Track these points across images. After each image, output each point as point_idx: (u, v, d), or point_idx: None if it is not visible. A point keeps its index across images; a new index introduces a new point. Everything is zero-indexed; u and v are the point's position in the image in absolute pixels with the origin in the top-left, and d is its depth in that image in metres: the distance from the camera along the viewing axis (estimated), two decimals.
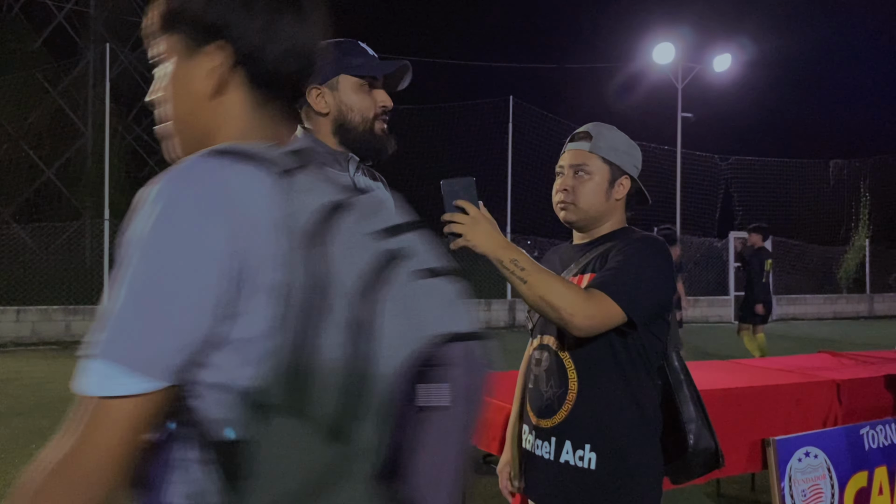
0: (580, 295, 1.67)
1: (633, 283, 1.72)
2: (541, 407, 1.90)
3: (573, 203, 1.91)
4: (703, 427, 1.88)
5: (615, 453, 1.79)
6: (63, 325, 12.92)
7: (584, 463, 1.80)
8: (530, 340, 2.04)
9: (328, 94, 1.78)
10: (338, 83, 1.78)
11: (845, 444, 3.73)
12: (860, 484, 3.77)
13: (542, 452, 1.89)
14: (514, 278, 1.66)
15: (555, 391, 1.86)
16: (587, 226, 1.96)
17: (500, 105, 17.76)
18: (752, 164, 23.05)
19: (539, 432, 1.91)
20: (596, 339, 1.76)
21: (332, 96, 1.78)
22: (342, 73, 1.77)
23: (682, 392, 1.88)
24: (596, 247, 1.91)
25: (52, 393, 7.82)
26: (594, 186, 1.90)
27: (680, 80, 21.72)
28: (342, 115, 1.78)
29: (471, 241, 1.65)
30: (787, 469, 3.52)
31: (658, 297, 1.79)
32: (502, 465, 2.15)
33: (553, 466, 1.85)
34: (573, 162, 1.92)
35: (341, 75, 1.77)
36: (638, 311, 1.71)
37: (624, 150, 1.94)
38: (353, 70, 1.77)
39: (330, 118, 1.79)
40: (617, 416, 1.80)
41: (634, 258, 1.77)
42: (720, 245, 21.48)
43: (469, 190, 1.69)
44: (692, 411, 1.88)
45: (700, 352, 12.18)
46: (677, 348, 1.93)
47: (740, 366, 4.57)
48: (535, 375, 1.94)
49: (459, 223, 1.66)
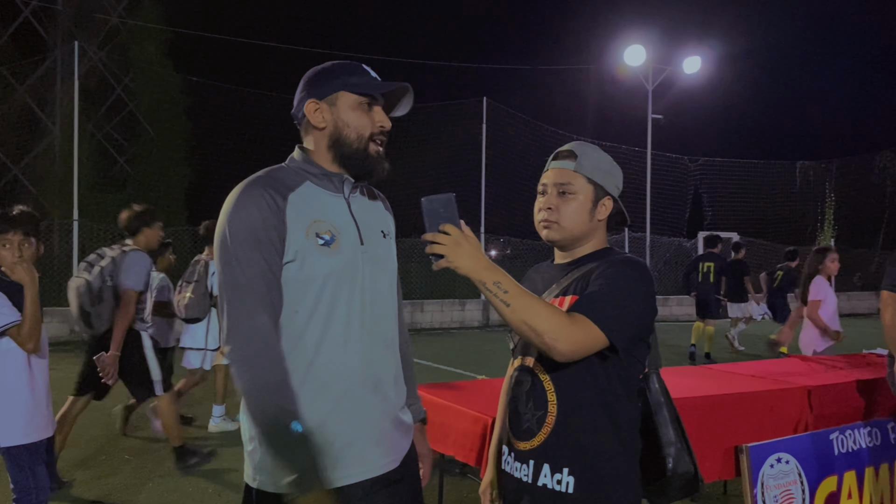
0: (563, 320, 1.66)
1: (615, 308, 1.71)
2: (520, 429, 1.89)
3: (557, 222, 1.90)
4: (682, 450, 1.89)
5: (593, 477, 1.78)
6: None
7: (562, 487, 1.79)
8: (511, 360, 2.03)
9: (326, 110, 1.78)
10: (336, 99, 1.78)
11: (816, 449, 3.80)
12: (830, 488, 3.84)
13: (520, 475, 1.88)
14: (496, 301, 1.65)
15: (534, 413, 1.86)
16: (569, 245, 1.95)
17: (474, 106, 17.82)
18: (721, 165, 23.35)
19: (518, 454, 1.90)
20: (576, 362, 1.74)
21: (329, 112, 1.78)
22: (342, 90, 1.77)
23: (662, 414, 1.89)
24: (577, 267, 1.90)
25: None
26: (578, 206, 1.90)
27: (650, 82, 21.88)
28: (338, 130, 1.78)
29: (453, 263, 1.64)
30: (760, 475, 3.57)
31: (639, 321, 1.78)
32: (484, 487, 2.15)
33: (531, 489, 1.85)
34: (557, 181, 1.91)
35: (341, 92, 1.77)
36: (620, 335, 1.70)
37: (607, 170, 1.95)
38: (353, 87, 1.77)
39: (326, 133, 1.78)
40: (595, 440, 1.79)
41: (616, 282, 1.76)
42: (689, 245, 21.71)
43: (449, 207, 1.66)
44: (671, 434, 1.88)
45: (673, 351, 12.32)
46: (657, 369, 1.95)
47: (713, 371, 4.62)
48: (515, 396, 1.93)
49: (441, 244, 1.63)
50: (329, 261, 1.69)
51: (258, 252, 1.63)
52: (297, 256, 1.67)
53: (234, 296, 1.63)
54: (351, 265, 1.74)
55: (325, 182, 1.78)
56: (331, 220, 1.73)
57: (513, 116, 18.73)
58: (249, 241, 1.63)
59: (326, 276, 1.69)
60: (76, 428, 5.38)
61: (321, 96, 1.78)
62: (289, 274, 1.67)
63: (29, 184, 19.40)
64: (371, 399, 1.75)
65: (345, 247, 1.73)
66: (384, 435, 1.77)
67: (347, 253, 1.73)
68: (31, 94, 19.67)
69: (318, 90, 1.78)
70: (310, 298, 1.68)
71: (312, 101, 1.78)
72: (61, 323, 12.96)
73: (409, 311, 15.77)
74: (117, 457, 5.67)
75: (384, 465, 1.76)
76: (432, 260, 1.65)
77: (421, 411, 2.08)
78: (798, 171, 25.10)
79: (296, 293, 1.68)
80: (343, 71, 1.79)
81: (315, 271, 1.68)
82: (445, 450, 3.37)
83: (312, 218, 1.70)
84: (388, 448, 1.78)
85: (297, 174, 1.77)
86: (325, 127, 1.78)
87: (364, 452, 1.72)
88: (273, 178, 1.73)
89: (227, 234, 1.65)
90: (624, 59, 21.73)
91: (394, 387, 1.85)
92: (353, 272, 1.74)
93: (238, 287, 1.63)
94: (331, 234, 1.71)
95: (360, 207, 1.84)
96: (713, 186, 23.21)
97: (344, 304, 1.71)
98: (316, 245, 1.69)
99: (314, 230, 1.69)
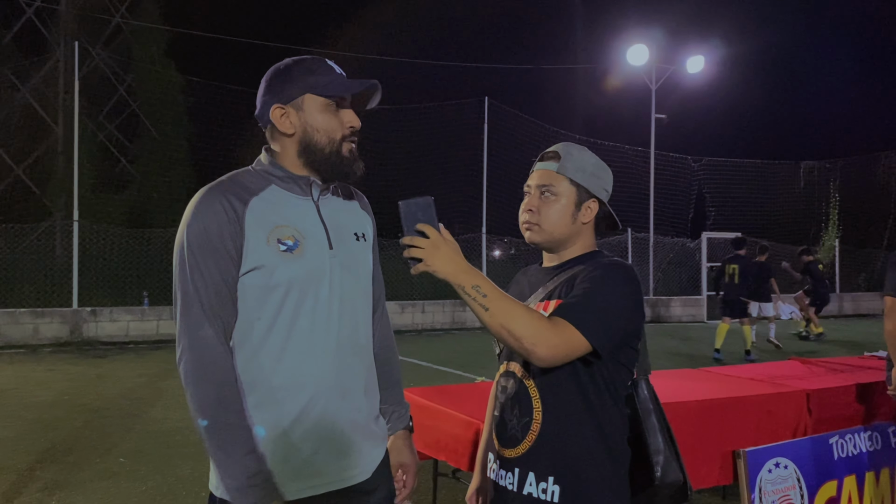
0: (543, 324, 1.62)
1: (598, 312, 1.67)
2: (505, 436, 1.86)
3: (538, 224, 1.87)
4: (671, 459, 1.84)
5: (579, 486, 1.74)
6: (31, 327, 12.69)
7: (548, 496, 1.75)
8: (499, 366, 1.99)
9: (293, 115, 1.70)
10: (303, 103, 1.70)
11: (815, 454, 3.77)
12: (829, 493, 3.80)
13: (505, 483, 1.84)
14: (475, 305, 1.60)
15: (519, 419, 1.82)
16: (553, 248, 1.91)
17: (475, 106, 17.82)
18: (724, 165, 23.30)
19: (503, 462, 1.86)
20: (561, 368, 1.70)
21: (297, 116, 1.70)
22: (307, 93, 1.70)
23: (650, 422, 1.85)
24: (564, 271, 1.86)
25: (14, 400, 7.62)
26: (560, 208, 1.86)
27: (654, 82, 21.86)
28: (308, 136, 1.70)
29: (431, 267, 1.59)
30: (758, 480, 3.54)
31: (624, 326, 1.73)
32: (470, 494, 2.11)
33: (516, 498, 1.80)
34: (540, 182, 1.88)
35: (307, 95, 1.70)
36: (603, 341, 1.66)
37: (591, 171, 1.89)
38: (320, 90, 1.70)
39: (295, 139, 1.71)
40: (581, 448, 1.75)
41: (600, 285, 1.72)
42: (693, 245, 21.68)
43: (427, 211, 1.61)
44: (660, 442, 1.84)
45: (673, 352, 12.30)
46: (646, 375, 1.89)
47: (712, 374, 4.59)
48: (501, 403, 1.89)
49: (419, 247, 1.60)
50: (291, 266, 1.64)
51: (212, 261, 1.61)
52: (258, 263, 1.62)
53: (184, 303, 1.61)
54: (317, 271, 1.68)
55: (291, 185, 1.72)
56: (294, 225, 1.68)
57: (514, 116, 18.72)
58: (204, 250, 1.60)
59: (289, 283, 1.64)
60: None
61: (286, 100, 1.71)
62: (250, 282, 1.63)
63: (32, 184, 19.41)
64: (337, 409, 1.70)
65: (310, 252, 1.68)
66: (351, 446, 1.72)
67: (313, 259, 1.68)
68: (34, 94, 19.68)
69: (283, 94, 1.71)
70: (272, 306, 1.64)
71: (278, 107, 1.71)
72: (62, 323, 12.98)
73: (409, 312, 15.71)
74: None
75: (351, 476, 1.72)
76: (410, 264, 1.61)
77: (405, 419, 2.02)
78: (802, 171, 25.07)
79: (257, 301, 1.64)
80: (306, 70, 1.71)
81: (276, 278, 1.63)
82: (437, 454, 3.34)
83: (274, 223, 1.65)
84: (354, 460, 1.73)
85: (262, 178, 1.72)
86: (294, 132, 1.71)
87: (328, 464, 1.67)
88: (235, 182, 1.68)
89: (184, 241, 1.63)
90: (627, 59, 21.74)
91: (364, 396, 1.80)
92: (320, 278, 1.68)
93: (187, 295, 1.61)
94: (294, 238, 1.66)
95: (332, 210, 1.78)
96: (716, 186, 23.18)
97: (309, 312, 1.66)
98: (277, 251, 1.64)
99: (276, 236, 1.64)
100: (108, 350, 12.37)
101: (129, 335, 13.39)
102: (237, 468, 1.56)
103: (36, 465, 5.35)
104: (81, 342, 12.93)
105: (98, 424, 6.68)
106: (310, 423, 1.66)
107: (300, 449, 1.65)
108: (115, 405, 7.59)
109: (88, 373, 9.78)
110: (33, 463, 5.42)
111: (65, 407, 7.40)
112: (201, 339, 1.60)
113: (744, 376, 4.39)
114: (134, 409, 7.36)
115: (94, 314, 13.25)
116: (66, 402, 7.66)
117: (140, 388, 8.60)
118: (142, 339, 13.47)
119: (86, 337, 13.07)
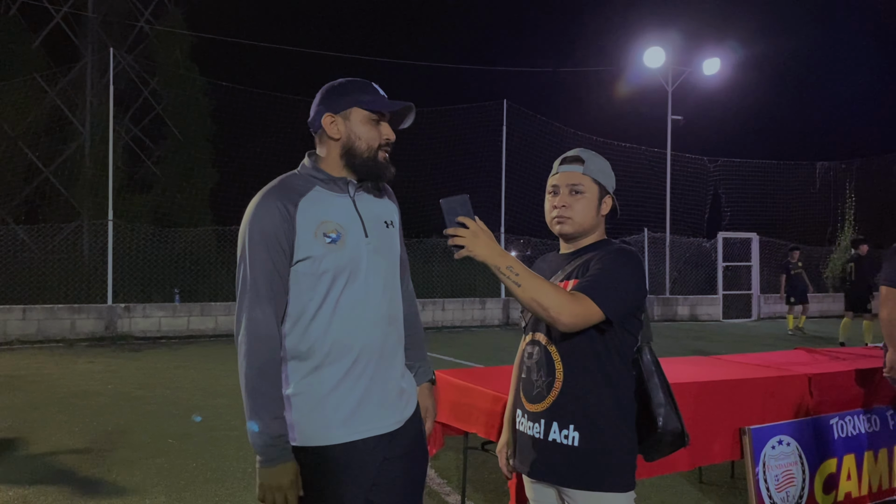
0: (566, 297, 1.96)
1: (610, 288, 2.02)
2: (532, 394, 2.21)
3: (570, 218, 2.24)
4: (671, 410, 2.19)
5: (595, 432, 2.09)
6: (68, 322, 13.13)
7: (569, 441, 2.11)
8: (523, 336, 2.37)
9: (341, 123, 2.05)
10: (350, 114, 2.04)
11: (816, 433, 4.01)
12: (829, 470, 4.05)
13: (533, 433, 2.19)
14: (509, 282, 1.96)
15: (544, 380, 2.17)
16: (578, 237, 2.28)
17: (494, 108, 18.11)
18: (740, 165, 23.36)
19: (530, 415, 2.21)
20: (579, 335, 2.07)
21: (343, 125, 2.04)
22: (355, 107, 2.04)
23: (653, 380, 2.20)
24: (579, 256, 2.23)
25: (63, 389, 8.04)
26: (587, 203, 2.23)
27: (670, 84, 22.04)
28: (350, 142, 2.05)
29: (472, 252, 1.94)
30: (762, 456, 3.79)
31: (631, 299, 2.08)
32: (500, 447, 2.51)
33: (542, 444, 2.16)
34: (569, 182, 2.25)
35: (354, 108, 2.04)
36: (614, 310, 2.01)
37: (608, 173, 2.31)
38: (365, 105, 2.04)
39: (340, 143, 2.05)
40: (597, 401, 2.10)
41: (611, 267, 2.07)
42: (709, 245, 21.81)
43: (465, 206, 1.94)
44: (661, 397, 2.19)
45: (690, 350, 12.47)
46: (649, 342, 2.26)
47: (721, 361, 4.84)
48: (528, 367, 2.25)
49: (461, 237, 1.92)
50: (336, 255, 1.98)
51: (267, 254, 1.94)
52: (308, 254, 1.97)
53: (243, 290, 1.95)
54: (356, 257, 2.03)
55: (332, 185, 2.05)
56: (336, 220, 2.01)
57: (532, 118, 18.97)
58: (262, 246, 1.94)
59: (335, 269, 1.98)
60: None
61: (336, 110, 2.05)
62: (302, 270, 1.97)
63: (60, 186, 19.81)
64: (377, 369, 2.06)
65: (350, 242, 2.01)
66: (388, 399, 2.09)
67: (353, 247, 2.01)
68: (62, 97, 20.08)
69: (334, 105, 2.07)
70: (321, 288, 1.98)
71: (329, 115, 2.05)
72: (97, 319, 13.39)
73: (430, 309, 16.00)
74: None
75: (390, 424, 2.08)
76: (454, 251, 1.95)
77: (429, 373, 2.39)
78: (818, 172, 25.01)
79: (308, 285, 1.98)
80: (356, 89, 2.06)
81: (324, 266, 1.97)
82: (469, 427, 3.66)
83: (320, 219, 1.99)
84: (391, 411, 2.09)
85: (307, 180, 2.05)
86: (340, 138, 2.05)
87: (371, 413, 2.04)
88: (285, 185, 2.02)
89: (246, 238, 1.96)
90: (644, 61, 21.92)
91: (397, 357, 2.17)
92: (358, 262, 2.03)
93: (245, 282, 1.95)
94: (336, 231, 2.00)
95: (366, 203, 2.10)
96: (732, 187, 23.22)
97: (350, 290, 2.01)
98: (324, 243, 1.97)
99: (322, 230, 1.98)
100: (141, 344, 12.77)
101: (161, 330, 13.79)
102: (265, 429, 1.91)
103: (92, 446, 5.71)
104: (116, 337, 13.35)
105: (143, 410, 7.03)
106: (356, 381, 2.01)
107: (348, 401, 2.00)
108: (156, 393, 7.92)
109: (128, 365, 10.14)
110: (90, 443, 5.78)
111: (110, 395, 7.76)
112: (254, 319, 1.92)
113: (750, 362, 4.63)
114: (174, 398, 7.69)
115: (128, 310, 13.65)
116: (110, 390, 8.04)
117: (178, 379, 8.95)
118: (174, 334, 13.87)
119: (120, 332, 13.48)
